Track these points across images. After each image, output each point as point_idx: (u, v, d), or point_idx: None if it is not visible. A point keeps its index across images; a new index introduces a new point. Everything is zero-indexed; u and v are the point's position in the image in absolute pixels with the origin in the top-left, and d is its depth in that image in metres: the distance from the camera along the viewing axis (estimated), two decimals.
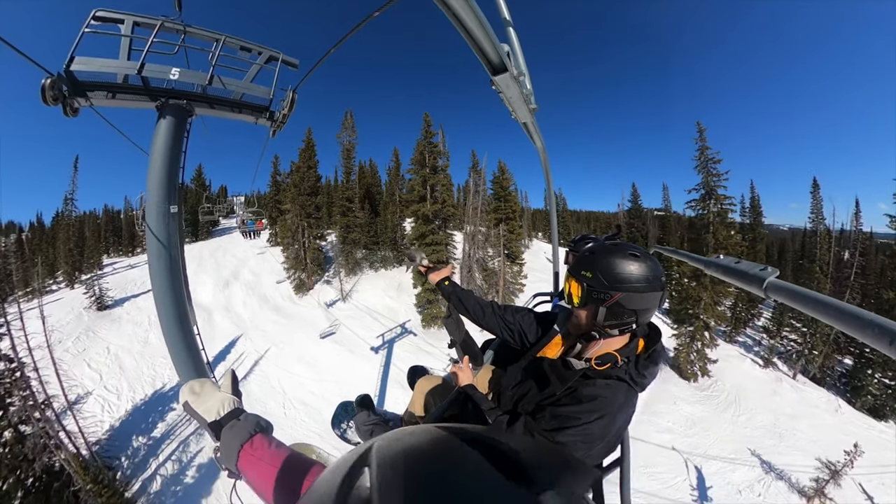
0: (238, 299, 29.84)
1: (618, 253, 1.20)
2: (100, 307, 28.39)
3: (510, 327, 1.71)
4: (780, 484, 13.17)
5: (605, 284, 1.19)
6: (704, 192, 22.40)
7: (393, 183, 39.06)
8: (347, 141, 32.21)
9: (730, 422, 16.20)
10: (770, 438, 15.23)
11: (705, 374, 19.35)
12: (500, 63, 1.28)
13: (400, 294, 30.18)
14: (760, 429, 15.78)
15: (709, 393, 18.34)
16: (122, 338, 24.14)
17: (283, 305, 28.82)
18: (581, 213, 79.32)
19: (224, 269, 36.40)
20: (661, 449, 14.29)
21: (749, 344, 25.27)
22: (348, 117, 32.57)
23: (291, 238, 29.01)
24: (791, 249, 43.01)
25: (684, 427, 15.67)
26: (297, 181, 28.47)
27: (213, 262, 39.10)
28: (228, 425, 0.91)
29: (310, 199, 28.84)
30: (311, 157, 29.29)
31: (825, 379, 19.95)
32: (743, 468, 13.62)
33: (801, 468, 13.53)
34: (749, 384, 18.92)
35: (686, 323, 20.27)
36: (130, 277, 35.55)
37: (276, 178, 43.55)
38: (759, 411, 16.94)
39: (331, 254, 34.43)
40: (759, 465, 13.74)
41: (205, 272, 35.93)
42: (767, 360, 21.23)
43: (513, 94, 1.48)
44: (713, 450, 14.47)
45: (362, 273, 32.27)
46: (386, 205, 37.77)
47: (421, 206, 25.55)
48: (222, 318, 26.49)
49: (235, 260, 39.83)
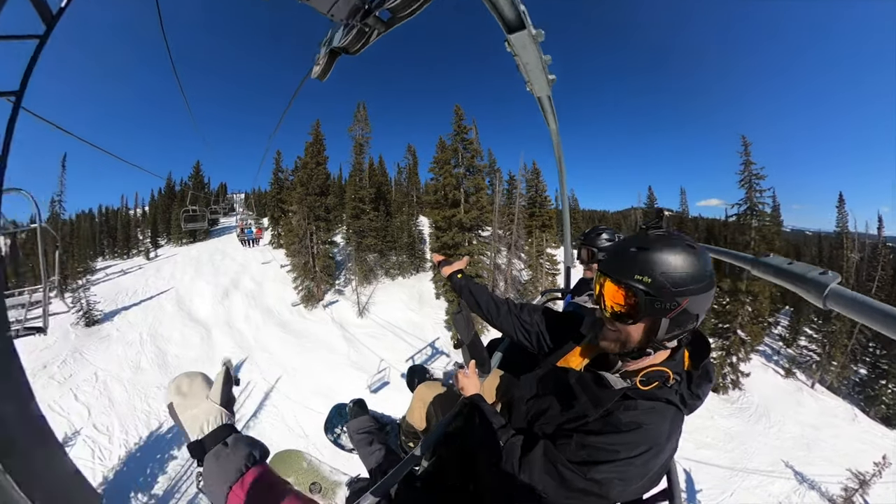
0: (239, 312, 27.23)
1: (678, 247, 0.95)
2: (88, 322, 25.82)
3: (527, 329, 1.52)
4: (813, 493, 13.53)
5: (672, 291, 0.93)
6: (747, 208, 22.34)
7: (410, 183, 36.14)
8: (360, 135, 29.21)
9: (762, 434, 16.48)
10: (799, 449, 15.48)
11: (737, 386, 19.55)
12: (517, 19, 1.07)
13: (422, 306, 27.55)
14: (790, 440, 16.09)
15: (739, 405, 18.51)
16: (111, 361, 21.64)
17: (290, 320, 26.18)
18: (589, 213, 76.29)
19: (223, 277, 33.77)
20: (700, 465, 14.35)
21: (768, 353, 24.97)
22: (361, 109, 29.66)
23: (298, 243, 26.21)
24: (808, 255, 41.66)
25: (723, 441, 15.81)
26: (305, 179, 25.60)
27: (211, 267, 36.48)
28: (213, 451, 0.76)
29: (319, 199, 26.00)
30: (319, 153, 26.35)
31: (840, 388, 20.56)
32: (780, 480, 13.88)
33: (829, 477, 13.87)
34: (774, 395, 19.21)
35: (721, 337, 20.35)
36: (122, 286, 32.97)
37: (278, 174, 40.50)
38: (786, 423, 17.23)
39: (339, 258, 31.87)
40: (792, 476, 14.07)
41: (202, 279, 33.34)
42: (788, 370, 21.76)
43: (530, 58, 1.25)
44: (752, 463, 14.64)
45: (378, 282, 29.51)
46: (399, 206, 35.09)
47: (454, 211, 22.77)
48: (222, 336, 23.90)
49: (235, 265, 37.19)
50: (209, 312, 27.08)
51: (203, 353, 21.87)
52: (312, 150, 26.15)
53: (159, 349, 22.32)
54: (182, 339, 23.30)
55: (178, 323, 25.32)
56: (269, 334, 24.35)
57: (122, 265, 41.03)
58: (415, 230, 33.23)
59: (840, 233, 27.92)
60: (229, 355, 21.49)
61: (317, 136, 26.71)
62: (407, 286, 30.28)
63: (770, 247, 21.13)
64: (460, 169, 23.61)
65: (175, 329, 24.51)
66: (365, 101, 29.90)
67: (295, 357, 21.57)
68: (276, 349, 22.34)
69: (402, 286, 30.13)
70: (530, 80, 1.47)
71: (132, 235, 46.45)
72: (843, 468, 13.64)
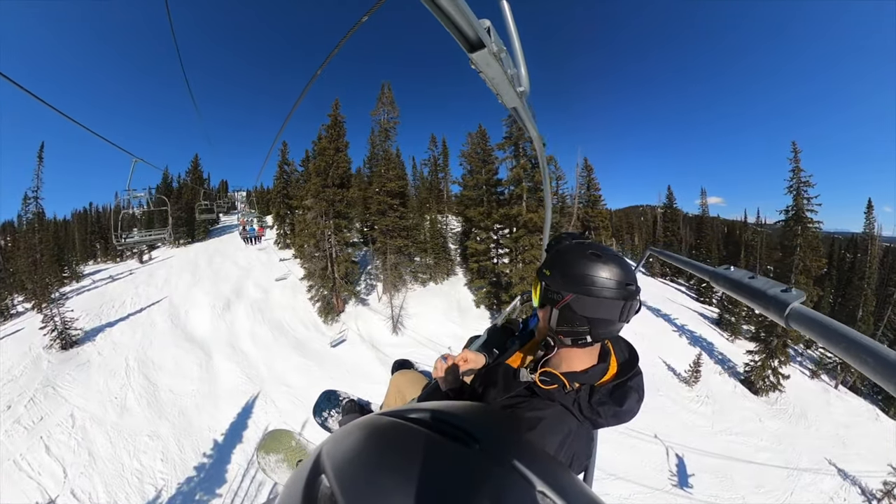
0: (243, 328, 23.19)
1: (578, 251, 1.10)
2: (64, 345, 21.81)
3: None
4: (855, 489, 14.18)
5: (560, 283, 1.09)
6: (793, 215, 22.59)
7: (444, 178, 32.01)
8: (385, 119, 24.86)
9: (804, 434, 16.99)
10: (837, 448, 16.16)
11: (776, 389, 19.89)
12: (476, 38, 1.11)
13: (464, 317, 23.51)
14: (827, 439, 16.71)
15: (778, 407, 18.86)
16: (91, 397, 17.71)
17: (307, 339, 22.11)
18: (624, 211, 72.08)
19: (224, 283, 29.74)
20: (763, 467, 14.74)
21: (791, 354, 24.49)
22: (385, 90, 25.33)
23: (315, 246, 22.02)
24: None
25: (774, 443, 16.17)
26: (322, 167, 21.27)
27: (210, 271, 32.46)
28: None
29: (340, 192, 21.71)
30: (339, 137, 22.13)
31: (861, 388, 21.19)
32: (827, 477, 14.50)
33: (865, 474, 14.71)
34: (806, 396, 19.77)
35: (764, 341, 20.70)
36: (108, 295, 28.98)
37: (283, 167, 36.20)
38: (822, 422, 17.87)
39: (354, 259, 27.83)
40: (836, 473, 14.69)
41: (200, 286, 29.33)
42: (815, 371, 22.40)
43: (494, 73, 1.23)
44: (801, 462, 15.17)
45: (407, 288, 25.34)
46: (422, 202, 31.02)
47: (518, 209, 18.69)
48: (225, 362, 19.85)
49: (237, 269, 33.18)
50: (208, 330, 23.05)
51: (204, 387, 17.84)
52: (331, 134, 21.88)
53: (149, 381, 18.31)
54: (176, 367, 19.27)
55: (171, 344, 21.30)
56: (284, 359, 20.28)
57: (113, 270, 37.07)
58: (446, 230, 29.12)
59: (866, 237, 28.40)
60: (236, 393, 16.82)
61: (335, 119, 22.44)
62: (442, 293, 26.24)
63: (816, 254, 21.78)
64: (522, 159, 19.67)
65: (168, 352, 20.49)
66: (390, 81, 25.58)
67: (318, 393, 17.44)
68: (295, 381, 18.28)
69: (437, 293, 26.07)
70: (499, 93, 1.41)
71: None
72: (877, 465, 14.82)
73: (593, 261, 1.04)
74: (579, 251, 1.08)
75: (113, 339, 22.40)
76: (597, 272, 1.02)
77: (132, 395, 17.57)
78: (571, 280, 1.04)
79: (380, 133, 24.88)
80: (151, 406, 17.01)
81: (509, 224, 19.84)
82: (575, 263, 1.05)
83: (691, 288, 38.69)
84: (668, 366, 20.55)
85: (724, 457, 14.52)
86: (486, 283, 24.32)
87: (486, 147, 25.90)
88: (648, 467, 13.68)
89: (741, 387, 20.13)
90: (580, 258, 1.06)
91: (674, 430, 15.49)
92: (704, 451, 14.62)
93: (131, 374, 18.91)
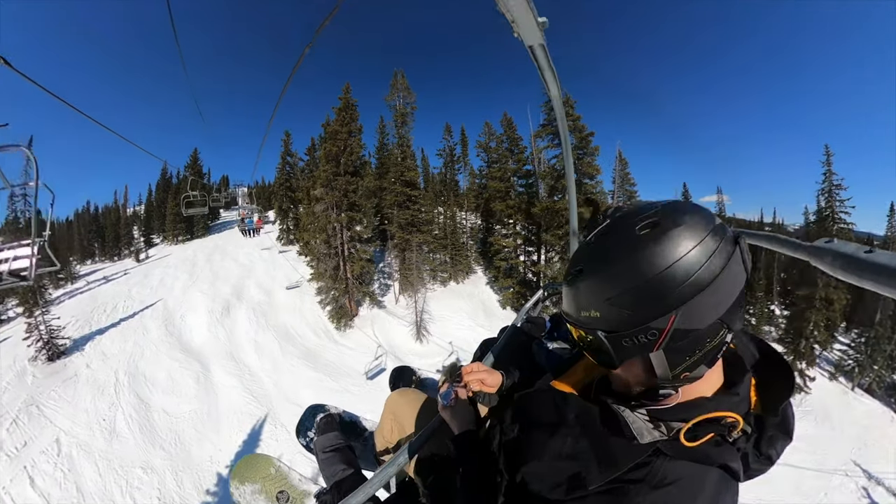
0: (246, 336, 21.11)
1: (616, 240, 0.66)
2: (50, 356, 19.86)
3: None
4: (880, 490, 14.45)
5: (639, 314, 0.61)
6: (825, 216, 22.77)
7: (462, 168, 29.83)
8: (401, 104, 22.43)
9: (830, 436, 17.05)
10: (860, 449, 16.21)
11: (801, 390, 20.00)
12: None
13: (491, 320, 21.35)
14: (851, 440, 16.75)
15: (804, 409, 18.79)
16: (79, 418, 15.84)
17: (318, 348, 19.99)
18: None
19: (223, 284, 27.64)
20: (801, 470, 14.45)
21: None
22: (399, 77, 22.92)
23: (326, 243, 19.77)
24: None
25: (809, 445, 16.08)
26: (334, 152, 18.85)
27: (208, 271, 30.35)
28: None
29: (354, 180, 19.35)
30: (351, 121, 19.65)
31: (875, 391, 21.26)
32: (855, 478, 14.63)
33: (889, 475, 14.94)
34: (827, 398, 19.73)
35: (793, 343, 20.77)
36: (101, 299, 26.98)
37: (286, 158, 33.82)
38: (845, 424, 17.94)
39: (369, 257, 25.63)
40: (862, 474, 14.86)
41: (197, 287, 27.27)
42: (833, 374, 22.34)
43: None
44: (831, 464, 15.23)
45: (426, 289, 23.13)
46: (436, 196, 28.82)
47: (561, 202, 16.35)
48: (226, 377, 17.77)
49: (238, 267, 31.08)
50: (205, 337, 20.97)
51: (202, 407, 15.77)
52: (343, 118, 19.45)
53: (141, 400, 16.27)
54: (171, 383, 17.21)
55: (164, 354, 19.25)
56: (293, 372, 18.19)
57: (108, 270, 35.12)
58: (465, 225, 26.87)
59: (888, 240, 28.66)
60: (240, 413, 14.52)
61: (347, 102, 19.99)
62: (465, 293, 24.04)
63: None
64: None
65: (161, 365, 18.45)
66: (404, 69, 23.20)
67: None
68: (308, 399, 15.88)
69: (459, 294, 23.87)
70: (515, 20, 1.13)
71: (122, 235, 40.83)
72: None
73: (660, 239, 0.60)
74: (625, 241, 0.63)
75: (102, 349, 20.38)
76: (680, 250, 0.59)
77: (122, 417, 15.53)
78: (653, 293, 0.59)
79: (396, 118, 22.41)
80: (144, 431, 14.98)
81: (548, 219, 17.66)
82: (638, 266, 0.59)
83: None
84: None
85: None
86: (514, 282, 22.11)
87: (513, 136, 23.55)
88: None
89: None
90: (636, 251, 0.61)
91: None
92: None
93: (121, 391, 16.87)
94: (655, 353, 0.63)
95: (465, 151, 30.58)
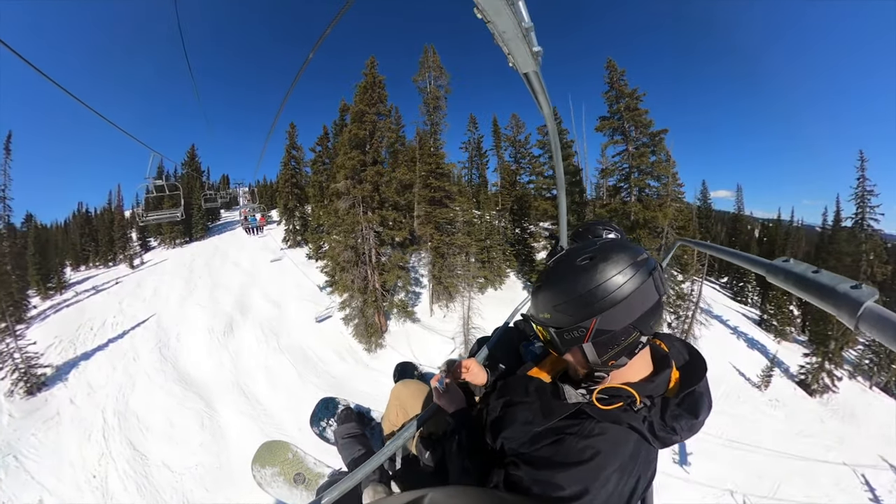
0: (255, 361, 18.05)
1: (567, 269, 0.91)
2: (30, 388, 16.87)
3: None
4: None
5: (570, 319, 0.90)
6: (856, 222, 22.88)
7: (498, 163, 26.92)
8: (433, 84, 19.24)
9: (856, 432, 17.30)
10: (885, 445, 16.37)
11: (829, 390, 20.12)
12: None
13: None
14: (876, 438, 16.95)
15: (831, 408, 18.99)
16: (64, 474, 13.00)
17: (345, 376, 16.92)
18: None
19: (225, 294, 24.58)
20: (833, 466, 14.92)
21: None
22: (430, 53, 19.68)
23: (353, 249, 16.65)
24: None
25: (838, 442, 16.37)
26: (361, 136, 15.62)
27: (208, 279, 27.24)
28: None
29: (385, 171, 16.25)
30: (379, 101, 16.46)
31: (892, 389, 21.42)
32: (883, 472, 14.79)
33: None
34: (849, 396, 19.82)
35: (822, 344, 20.74)
36: (88, 313, 23.93)
37: (291, 152, 30.58)
38: (868, 422, 18.10)
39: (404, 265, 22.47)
40: (889, 468, 15.03)
41: (195, 300, 24.20)
42: (852, 373, 22.33)
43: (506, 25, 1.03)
44: (861, 459, 15.37)
45: (461, 297, 20.08)
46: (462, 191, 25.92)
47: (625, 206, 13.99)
48: (237, 417, 14.72)
49: (241, 273, 27.98)
50: (207, 365, 17.90)
51: (211, 459, 12.72)
52: (368, 97, 16.22)
53: (136, 451, 13.23)
54: (170, 428, 14.14)
55: (159, 388, 16.20)
56: None
57: (100, 278, 31.82)
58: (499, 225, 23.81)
59: None
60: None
61: (373, 79, 16.75)
62: (505, 300, 21.04)
63: (880, 260, 21.99)
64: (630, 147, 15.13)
65: (156, 402, 15.40)
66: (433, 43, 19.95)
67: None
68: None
69: (499, 301, 20.84)
70: (511, 52, 1.19)
71: (116, 238, 37.49)
72: None
73: (590, 269, 0.87)
74: (568, 268, 0.91)
75: (87, 380, 17.28)
76: (604, 276, 0.85)
77: (115, 474, 12.47)
78: (580, 307, 0.87)
79: (427, 102, 19.16)
80: (143, 492, 11.91)
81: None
82: (570, 289, 0.88)
83: (725, 287, 35.32)
84: (738, 371, 19.84)
85: (807, 458, 14.79)
86: None
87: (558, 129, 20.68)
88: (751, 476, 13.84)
89: (799, 389, 20.26)
90: (575, 276, 0.88)
91: (765, 436, 15.64)
92: (791, 454, 14.84)
93: (111, 438, 13.80)
94: (587, 345, 0.88)
95: (498, 144, 27.32)
